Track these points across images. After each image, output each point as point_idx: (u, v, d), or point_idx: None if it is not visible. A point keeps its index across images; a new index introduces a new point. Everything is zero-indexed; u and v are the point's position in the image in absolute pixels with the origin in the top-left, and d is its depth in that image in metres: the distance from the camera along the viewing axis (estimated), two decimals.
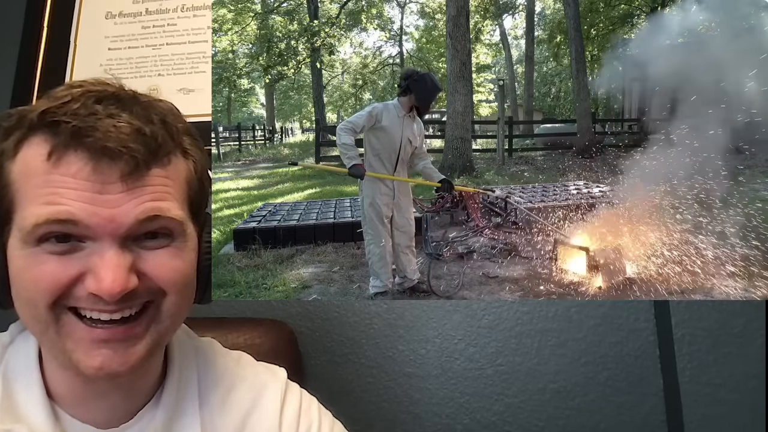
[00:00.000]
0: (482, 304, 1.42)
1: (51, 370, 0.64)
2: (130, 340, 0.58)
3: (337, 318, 1.44)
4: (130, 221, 0.56)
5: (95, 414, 0.64)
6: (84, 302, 0.56)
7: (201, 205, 0.66)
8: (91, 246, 0.56)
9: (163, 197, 0.59)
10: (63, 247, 0.56)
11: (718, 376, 1.24)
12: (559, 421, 1.34)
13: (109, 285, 0.54)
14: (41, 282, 0.55)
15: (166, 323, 0.61)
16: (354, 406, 1.38)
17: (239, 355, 0.81)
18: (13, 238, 0.57)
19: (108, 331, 0.57)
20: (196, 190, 0.64)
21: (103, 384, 0.63)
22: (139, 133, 0.57)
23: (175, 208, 0.60)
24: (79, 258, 0.56)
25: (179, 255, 0.61)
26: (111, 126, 0.56)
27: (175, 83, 1.57)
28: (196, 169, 0.64)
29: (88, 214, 0.55)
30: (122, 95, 0.60)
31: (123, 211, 0.56)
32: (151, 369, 0.68)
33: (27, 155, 0.57)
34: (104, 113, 0.56)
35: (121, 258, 0.56)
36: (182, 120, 0.64)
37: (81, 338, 0.57)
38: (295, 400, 0.77)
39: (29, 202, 0.56)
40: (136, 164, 0.56)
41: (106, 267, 0.55)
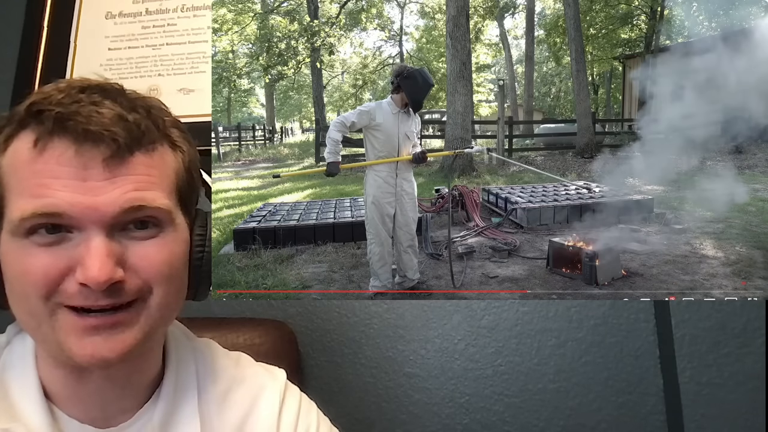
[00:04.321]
0: (482, 304, 1.42)
1: (47, 369, 0.64)
2: (119, 327, 0.59)
3: (337, 318, 1.44)
4: (114, 210, 0.57)
5: (93, 413, 0.65)
6: (75, 297, 0.57)
7: (191, 197, 0.67)
8: (78, 236, 0.57)
9: (148, 186, 0.59)
10: (51, 238, 0.56)
11: (718, 376, 1.24)
12: (559, 421, 1.34)
13: (96, 273, 0.55)
14: (32, 275, 0.56)
15: (156, 315, 0.61)
16: (354, 406, 1.38)
17: (238, 355, 0.80)
18: (5, 232, 0.58)
19: (98, 319, 0.58)
20: (185, 181, 0.65)
21: (97, 378, 0.63)
22: (121, 118, 0.58)
23: (161, 197, 0.60)
24: (67, 249, 0.57)
25: (167, 246, 0.61)
26: (94, 111, 0.57)
27: (175, 83, 1.57)
28: (184, 161, 0.65)
29: (72, 204, 0.56)
30: (106, 86, 0.61)
31: (107, 199, 0.57)
32: (145, 366, 0.68)
33: (15, 148, 0.58)
34: (87, 101, 0.57)
35: (107, 247, 0.56)
36: (169, 114, 0.65)
37: (73, 328, 0.57)
38: (295, 403, 0.77)
39: (17, 196, 0.57)
40: (117, 147, 0.57)
41: (92, 256, 0.56)
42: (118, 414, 0.66)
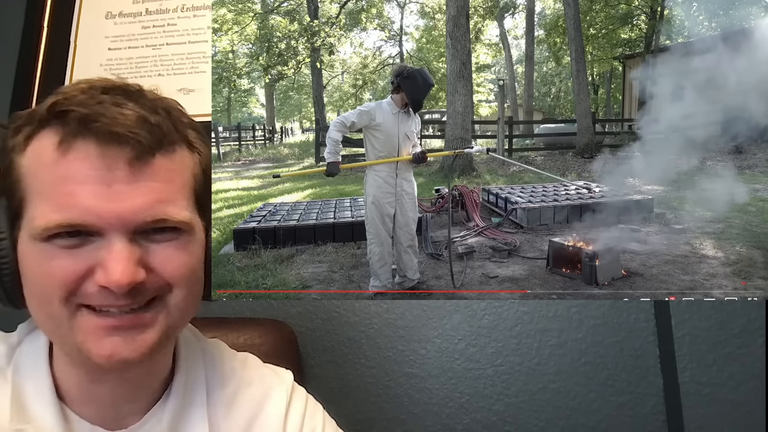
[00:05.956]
0: (482, 304, 1.42)
1: (60, 369, 0.64)
2: (139, 328, 0.59)
3: (337, 318, 1.44)
4: (136, 221, 0.57)
5: (104, 414, 0.65)
6: (95, 297, 0.57)
7: (207, 200, 0.67)
8: (100, 240, 0.57)
9: (170, 196, 0.59)
10: (73, 241, 0.56)
11: (718, 376, 1.24)
12: (559, 421, 1.34)
13: (118, 277, 0.55)
14: (53, 277, 0.56)
15: (175, 316, 0.62)
16: (354, 406, 1.39)
17: (245, 356, 0.81)
18: (24, 233, 0.58)
19: (117, 319, 0.58)
20: (201, 183, 0.65)
21: (111, 379, 0.63)
22: (144, 121, 0.58)
23: (182, 208, 0.61)
24: (88, 251, 0.57)
25: (187, 249, 0.61)
26: (117, 113, 0.57)
27: (175, 83, 1.57)
28: (201, 163, 0.65)
29: (99, 215, 0.56)
30: (128, 88, 0.61)
31: (131, 207, 0.57)
32: (158, 367, 0.68)
33: (36, 148, 0.58)
34: (110, 102, 0.57)
35: (129, 251, 0.57)
36: (187, 116, 0.66)
37: (92, 328, 0.58)
38: (301, 405, 0.78)
39: (40, 201, 0.57)
40: (142, 150, 0.57)
41: (114, 260, 0.56)
42: (128, 415, 0.66)
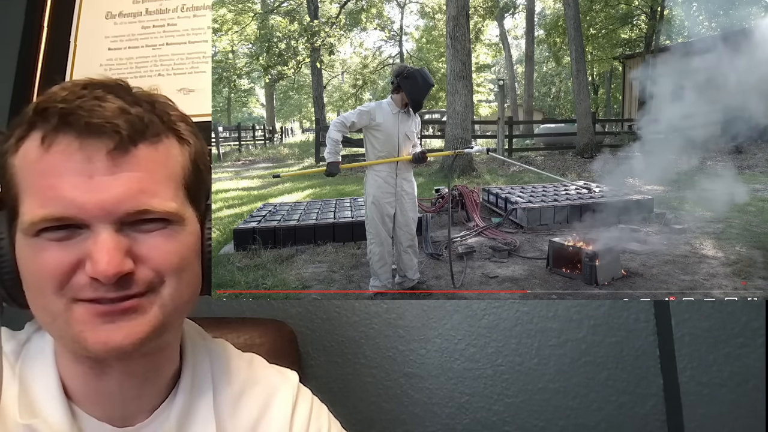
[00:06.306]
0: (482, 304, 1.42)
1: (67, 366, 0.64)
2: (130, 314, 0.59)
3: (337, 318, 1.44)
4: (119, 212, 0.58)
5: (111, 412, 0.65)
6: (86, 290, 0.58)
7: (199, 191, 0.67)
8: (87, 232, 0.58)
9: (153, 187, 0.60)
10: (62, 234, 0.57)
11: (718, 376, 1.24)
12: (559, 421, 1.34)
13: (104, 267, 0.56)
14: (44, 269, 0.57)
15: (169, 305, 0.62)
16: (354, 406, 1.39)
17: (251, 357, 0.81)
18: (19, 231, 0.59)
19: (110, 306, 0.58)
20: (192, 175, 0.65)
21: (116, 375, 0.63)
22: (123, 111, 0.58)
23: (168, 198, 0.61)
24: (77, 243, 0.58)
25: (175, 238, 0.61)
26: (96, 106, 0.57)
27: (175, 83, 1.57)
28: (191, 154, 0.65)
29: (80, 207, 0.56)
30: (109, 83, 0.62)
31: (113, 197, 0.57)
32: (163, 363, 0.68)
33: (25, 148, 0.59)
34: (90, 96, 0.58)
35: (115, 241, 0.57)
36: (176, 109, 0.66)
37: (86, 318, 0.58)
38: (306, 406, 0.78)
39: (27, 197, 0.58)
40: (120, 139, 0.57)
41: (100, 250, 0.56)
42: (136, 413, 0.66)
